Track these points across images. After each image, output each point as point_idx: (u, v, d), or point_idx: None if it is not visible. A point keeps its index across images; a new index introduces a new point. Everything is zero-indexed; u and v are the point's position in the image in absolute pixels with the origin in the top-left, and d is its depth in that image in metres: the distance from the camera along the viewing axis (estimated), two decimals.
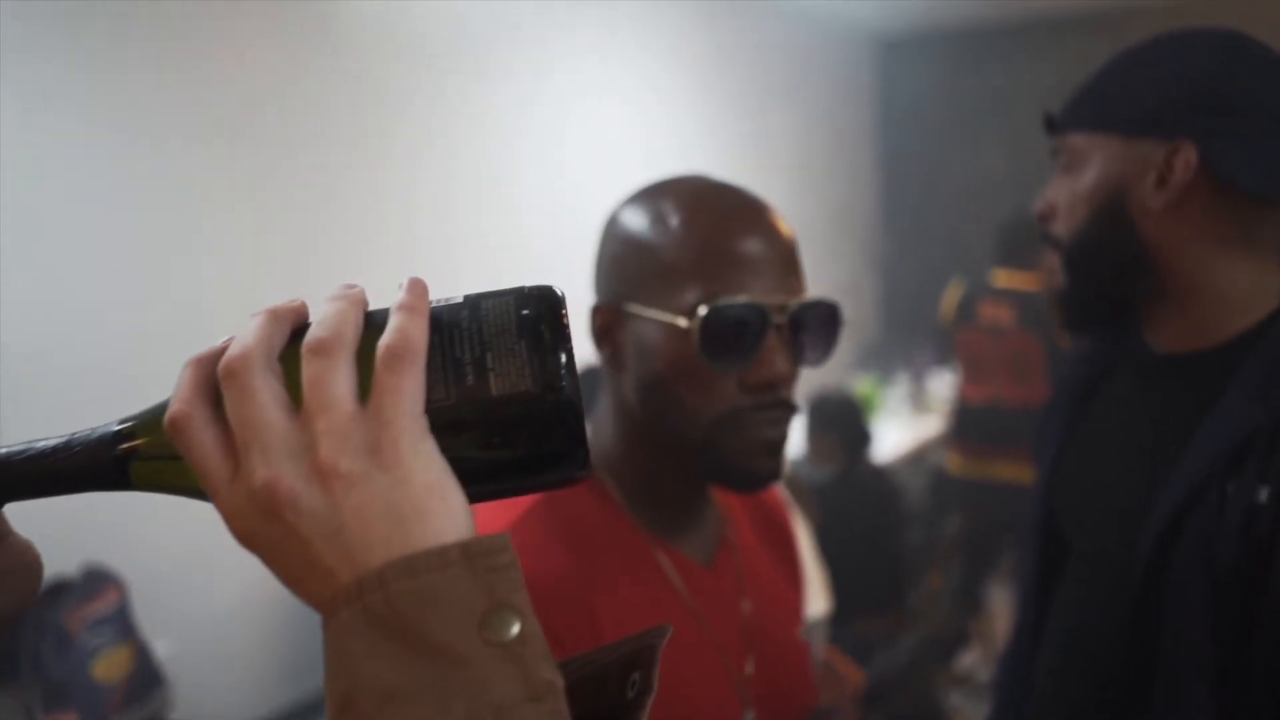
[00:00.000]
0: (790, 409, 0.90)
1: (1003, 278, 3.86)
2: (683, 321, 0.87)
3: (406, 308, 0.47)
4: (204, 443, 0.45)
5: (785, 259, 0.89)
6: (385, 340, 0.45)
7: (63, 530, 2.20)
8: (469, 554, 0.43)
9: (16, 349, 2.44)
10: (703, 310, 0.85)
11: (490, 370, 0.46)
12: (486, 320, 0.47)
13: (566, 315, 0.48)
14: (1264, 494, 0.90)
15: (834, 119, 5.87)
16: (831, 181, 5.76)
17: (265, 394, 0.44)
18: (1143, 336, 1.11)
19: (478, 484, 0.47)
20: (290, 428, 0.44)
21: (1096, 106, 1.06)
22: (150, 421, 0.47)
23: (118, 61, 2.66)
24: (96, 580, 2.40)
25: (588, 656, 0.53)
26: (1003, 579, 4.32)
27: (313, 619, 2.32)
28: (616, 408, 0.96)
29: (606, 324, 0.94)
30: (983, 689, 3.96)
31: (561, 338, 0.47)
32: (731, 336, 0.86)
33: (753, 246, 0.88)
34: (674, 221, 0.89)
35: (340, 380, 0.44)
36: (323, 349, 0.45)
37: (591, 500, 0.95)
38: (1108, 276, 1.07)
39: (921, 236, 6.25)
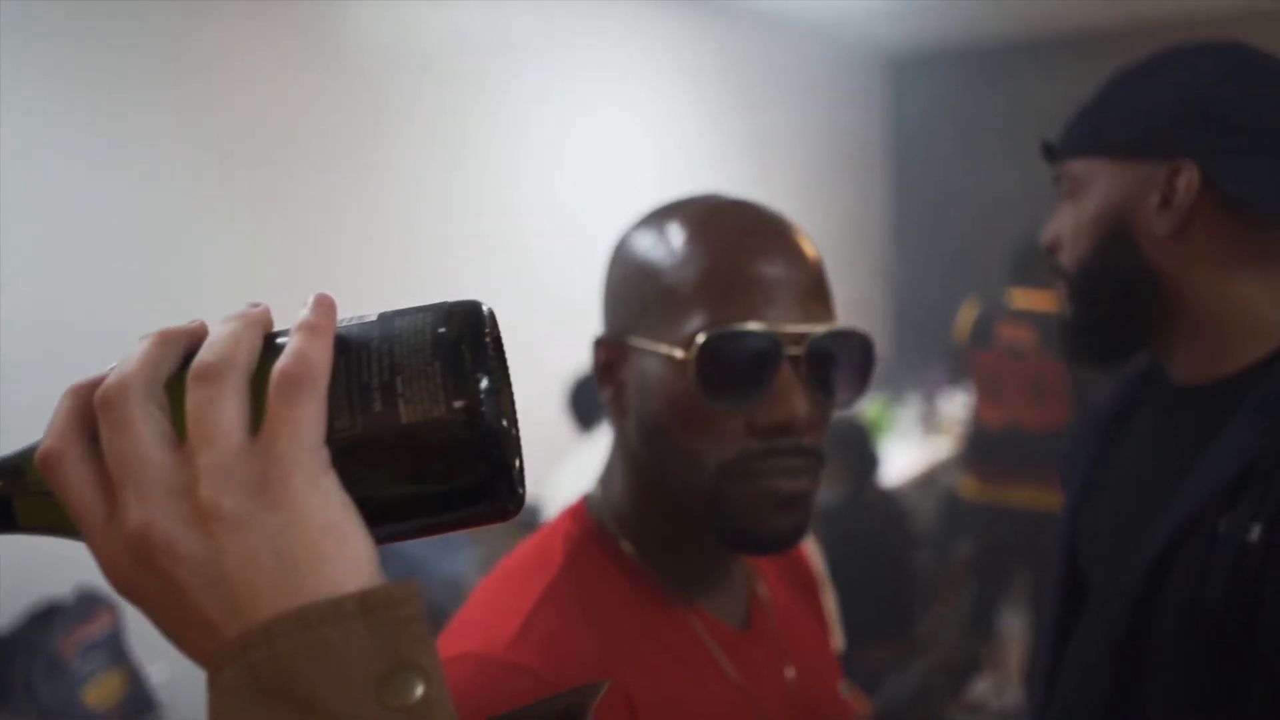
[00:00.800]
0: (812, 457, 0.78)
1: (1020, 298, 3.80)
2: (679, 353, 0.76)
3: (307, 327, 0.42)
4: (76, 481, 0.41)
5: (806, 282, 0.77)
6: (280, 364, 0.41)
7: (55, 554, 2.19)
8: (368, 605, 0.38)
9: (17, 359, 2.43)
10: (700, 339, 0.74)
11: (400, 395, 0.41)
12: (399, 340, 0.43)
13: (491, 333, 0.44)
14: (1256, 532, 0.87)
15: (845, 137, 5.84)
16: (843, 200, 5.73)
17: (144, 426, 0.40)
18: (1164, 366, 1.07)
19: (391, 522, 0.42)
20: (170, 464, 0.40)
21: (1093, 130, 1.02)
22: (30, 456, 0.43)
23: (118, 71, 2.65)
24: (89, 604, 2.37)
25: (512, 715, 0.50)
26: (1015, 605, 4.26)
27: None
28: (624, 455, 0.85)
29: (609, 360, 0.83)
30: (995, 718, 3.89)
31: (483, 358, 0.42)
32: (735, 370, 0.74)
33: (766, 268, 0.76)
34: (678, 242, 0.79)
35: (226, 409, 0.40)
36: (208, 375, 0.40)
37: (611, 567, 0.83)
38: (1114, 305, 1.03)
39: (933, 255, 6.21)
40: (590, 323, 3.66)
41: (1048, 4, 5.09)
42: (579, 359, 3.49)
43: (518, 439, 0.45)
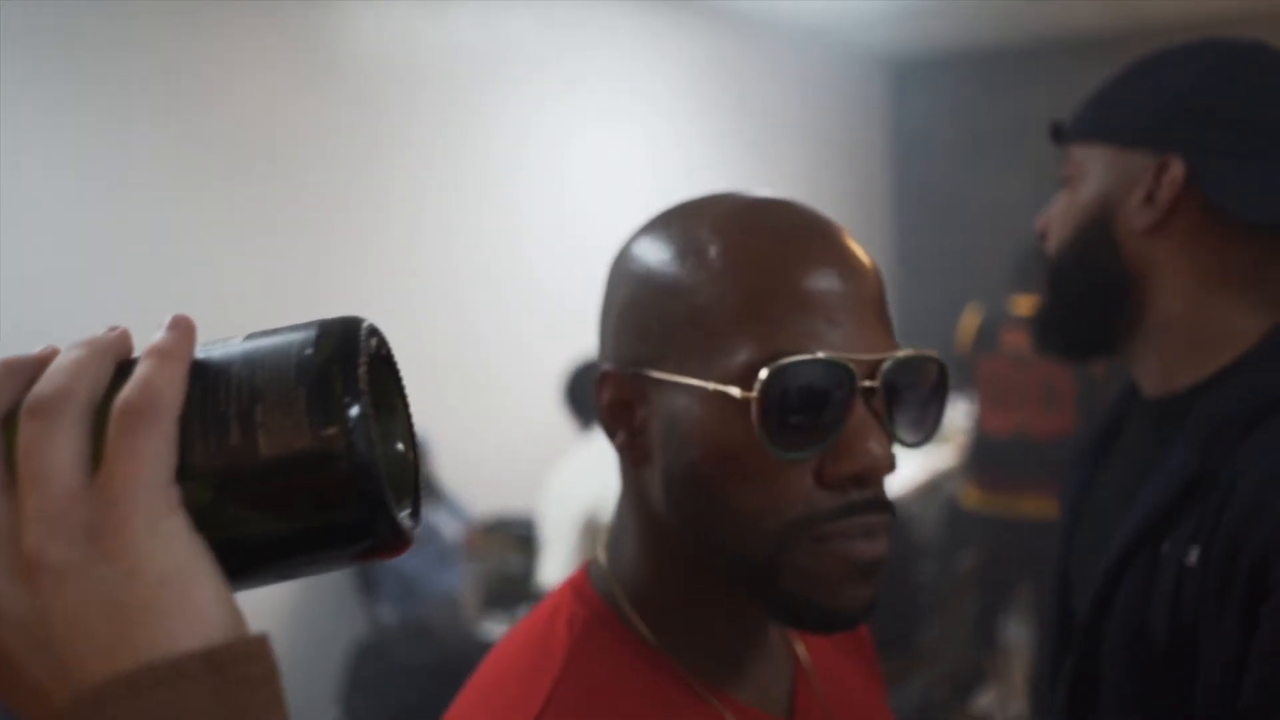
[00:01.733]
0: (887, 511, 0.65)
1: (1024, 304, 3.77)
2: (735, 391, 0.61)
3: (156, 353, 0.38)
4: None
5: (869, 297, 0.65)
6: (121, 394, 0.36)
7: None
8: (214, 664, 0.34)
9: None
10: (764, 374, 0.60)
11: (259, 425, 0.37)
12: (263, 364, 0.39)
13: (371, 353, 0.40)
14: (1194, 555, 0.84)
15: (846, 143, 5.82)
16: (843, 206, 5.71)
17: None
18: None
19: (259, 566, 0.39)
20: None
21: (1097, 116, 1.00)
22: None
23: (114, 84, 2.63)
24: None
25: None
26: (1019, 616, 4.22)
27: (302, 662, 2.25)
28: (639, 514, 0.70)
29: (621, 397, 0.68)
30: None
31: (354, 381, 0.38)
32: (806, 409, 0.61)
33: (824, 281, 0.63)
34: (712, 251, 0.64)
35: (60, 447, 0.36)
36: (41, 409, 0.36)
37: (625, 656, 0.70)
38: (1086, 298, 1.01)
39: (935, 261, 6.18)
40: (587, 325, 3.62)
41: (1051, 8, 5.07)
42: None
43: (410, 465, 0.41)
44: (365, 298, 3.21)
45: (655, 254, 0.67)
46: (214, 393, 0.38)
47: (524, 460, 3.58)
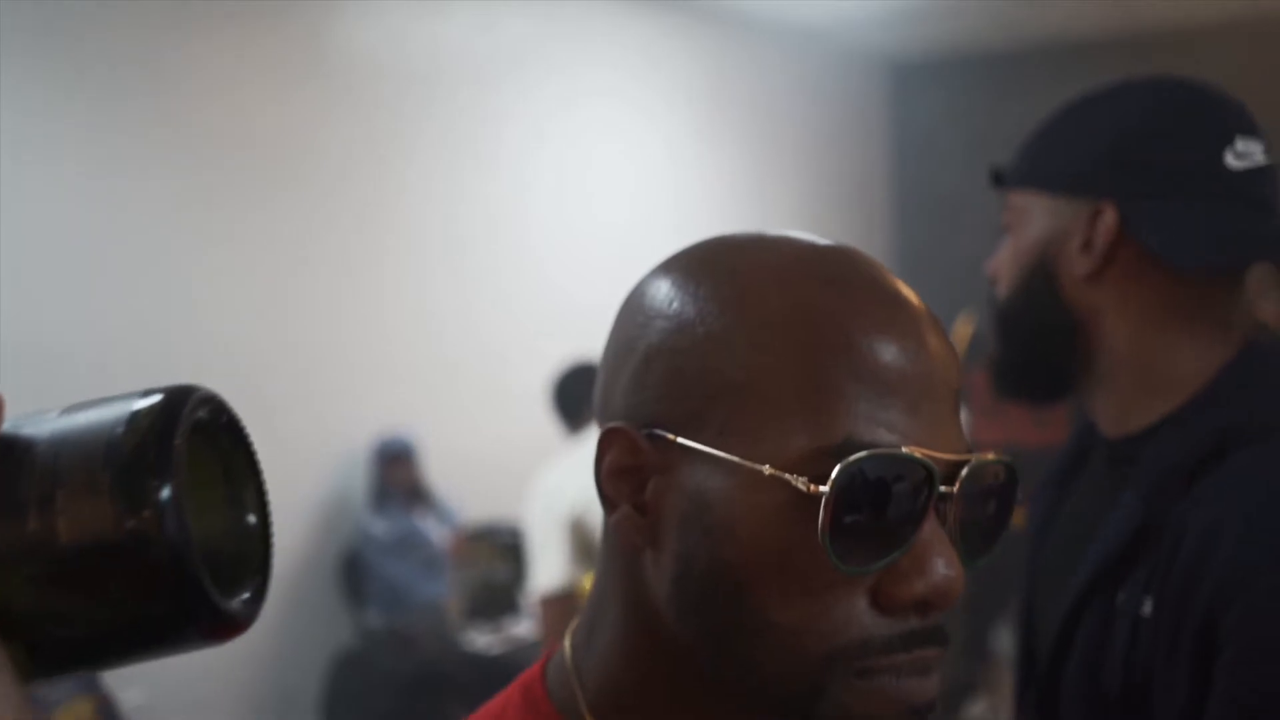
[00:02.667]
0: (946, 644, 0.54)
1: None
2: (801, 481, 0.50)
3: None
4: None
5: (951, 386, 0.55)
6: None
7: None
8: None
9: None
10: (840, 466, 0.49)
11: (59, 512, 0.35)
12: (70, 443, 0.36)
13: (186, 430, 0.37)
14: (1148, 606, 0.83)
15: (845, 147, 5.79)
16: (843, 212, 5.68)
17: None
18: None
19: (57, 661, 0.37)
20: None
21: (1032, 163, 1.00)
22: None
23: (104, 88, 2.63)
24: None
25: None
26: (1011, 627, 4.20)
27: (286, 669, 2.23)
28: (628, 607, 0.57)
29: (630, 463, 0.54)
30: None
31: (166, 462, 0.36)
32: (878, 515, 0.51)
33: (907, 358, 0.52)
34: (774, 302, 0.53)
35: None
36: None
37: None
38: (1034, 345, 1.01)
39: (936, 266, 6.14)
40: (581, 329, 3.61)
41: (1052, 11, 5.04)
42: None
43: (260, 539, 0.39)
44: (357, 302, 3.20)
45: (695, 296, 0.55)
46: (13, 476, 0.36)
47: (515, 464, 3.57)
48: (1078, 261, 0.94)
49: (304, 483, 3.18)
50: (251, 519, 0.40)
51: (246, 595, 0.39)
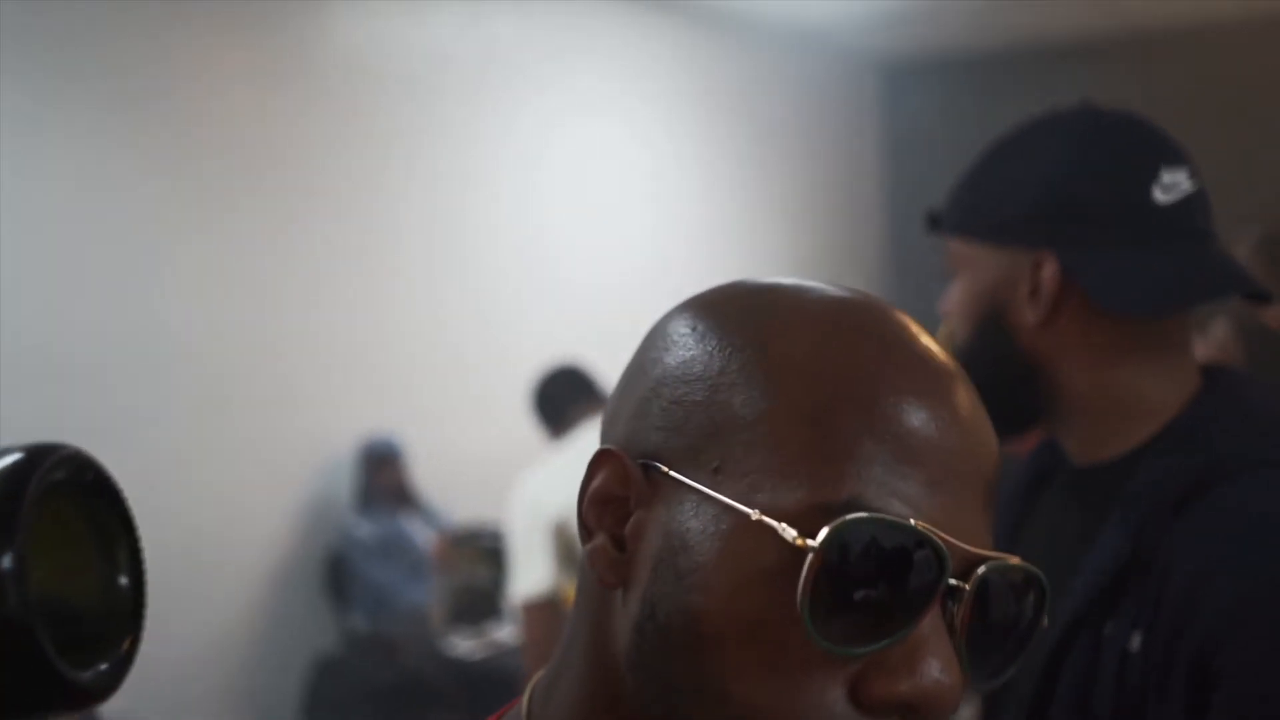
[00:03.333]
0: None
1: None
2: (789, 531, 0.45)
3: None
4: None
5: (984, 470, 0.50)
6: None
7: None
8: None
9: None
10: (831, 527, 0.44)
11: None
12: None
13: (36, 493, 0.36)
14: (1136, 641, 0.84)
15: (836, 150, 5.79)
16: (833, 216, 5.67)
17: None
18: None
19: None
20: None
21: (965, 213, 1.02)
22: None
23: (98, 118, 2.65)
24: None
25: None
26: None
27: (270, 674, 2.22)
28: (590, 656, 0.52)
29: (616, 491, 0.50)
30: None
31: (9, 529, 0.35)
32: (872, 592, 0.46)
33: (935, 428, 0.48)
34: (790, 347, 0.49)
35: None
36: None
37: None
38: (995, 388, 1.02)
39: (928, 268, 6.10)
40: (567, 332, 3.60)
41: (1044, 12, 5.02)
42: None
43: (132, 600, 0.38)
44: (342, 305, 3.21)
45: (714, 330, 0.52)
46: None
47: (498, 468, 3.56)
48: (1027, 309, 0.95)
49: (289, 484, 3.17)
50: (123, 579, 0.39)
51: (104, 666, 0.38)
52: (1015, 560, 0.48)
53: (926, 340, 0.52)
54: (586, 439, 2.56)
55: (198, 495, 2.81)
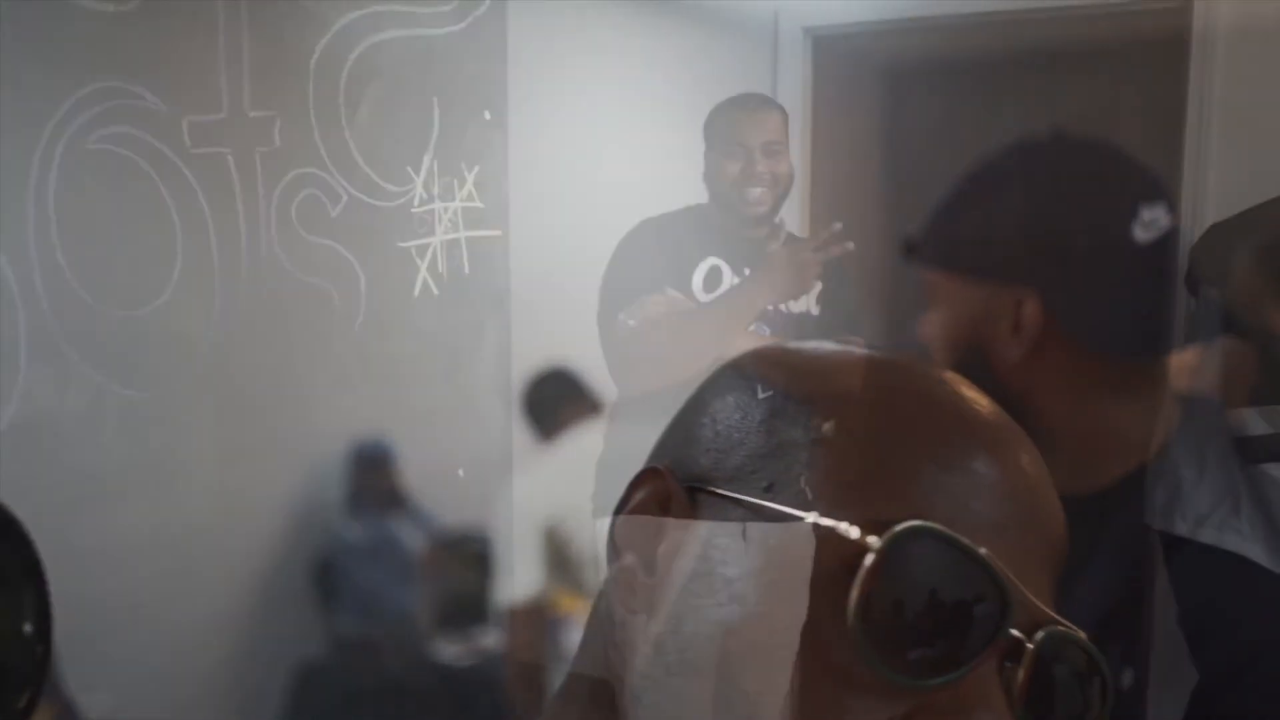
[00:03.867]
0: None
1: None
2: (852, 531, 0.42)
3: None
4: None
5: (1051, 543, 0.49)
6: None
7: None
8: None
9: None
10: (902, 525, 0.41)
11: None
12: None
13: None
14: (1128, 678, 0.86)
15: (839, 150, 5.77)
16: (837, 215, 5.66)
17: None
18: None
19: None
20: None
21: (944, 245, 1.03)
22: None
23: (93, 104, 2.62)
24: None
25: None
26: None
27: (260, 674, 2.20)
28: (603, 686, 0.49)
29: (654, 512, 0.48)
30: None
31: None
32: (929, 619, 0.41)
33: (1001, 475, 0.47)
34: (853, 385, 0.48)
35: None
36: None
37: None
38: None
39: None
40: (560, 334, 3.58)
41: (1047, 17, 5.01)
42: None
43: (35, 648, 0.38)
44: (333, 305, 3.19)
45: (776, 367, 0.50)
46: None
47: (486, 472, 3.54)
48: (1008, 345, 0.96)
49: (277, 487, 3.15)
50: (27, 627, 0.38)
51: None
52: (1083, 635, 0.44)
53: (1010, 426, 0.51)
54: (577, 443, 2.56)
55: (185, 497, 2.78)
